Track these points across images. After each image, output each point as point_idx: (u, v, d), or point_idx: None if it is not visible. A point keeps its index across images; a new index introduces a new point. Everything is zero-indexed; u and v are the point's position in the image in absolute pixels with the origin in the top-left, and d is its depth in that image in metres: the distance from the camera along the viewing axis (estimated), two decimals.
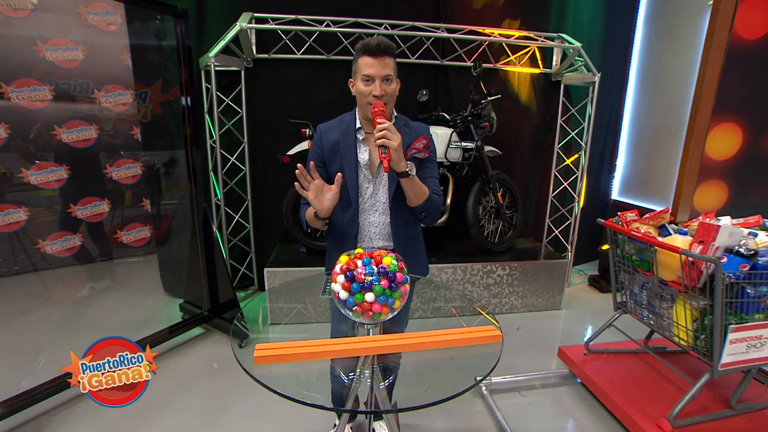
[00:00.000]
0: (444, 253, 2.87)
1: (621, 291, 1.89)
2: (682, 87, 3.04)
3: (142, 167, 2.52)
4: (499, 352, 0.79)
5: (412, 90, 2.79)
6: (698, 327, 1.53)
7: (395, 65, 1.17)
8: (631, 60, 3.49)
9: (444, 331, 0.81)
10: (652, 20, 3.33)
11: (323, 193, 1.11)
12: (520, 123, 3.21)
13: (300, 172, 1.06)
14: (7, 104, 1.96)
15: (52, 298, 2.66)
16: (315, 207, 1.12)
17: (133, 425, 1.69)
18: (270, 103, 2.82)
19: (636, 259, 1.72)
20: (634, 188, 3.57)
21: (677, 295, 1.59)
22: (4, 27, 1.97)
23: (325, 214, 1.13)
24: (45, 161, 2.14)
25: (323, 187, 1.11)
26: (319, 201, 1.10)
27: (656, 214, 1.71)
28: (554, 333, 2.60)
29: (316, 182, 1.09)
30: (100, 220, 2.42)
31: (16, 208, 2.08)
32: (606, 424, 1.74)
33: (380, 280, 0.78)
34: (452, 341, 0.79)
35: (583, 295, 3.17)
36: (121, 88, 2.32)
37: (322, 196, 1.11)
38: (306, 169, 1.08)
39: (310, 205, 1.18)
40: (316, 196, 1.10)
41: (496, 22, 2.97)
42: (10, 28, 1.98)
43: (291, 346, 0.74)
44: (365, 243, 1.25)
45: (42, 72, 2.05)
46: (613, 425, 1.73)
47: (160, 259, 2.90)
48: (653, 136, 3.35)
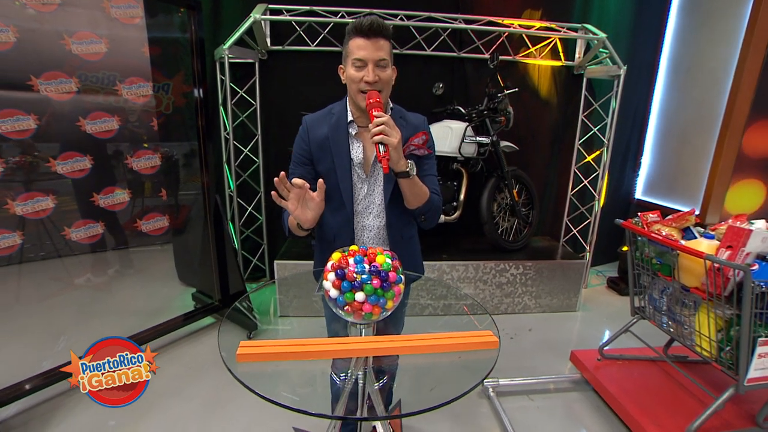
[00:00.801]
0: (456, 250, 2.81)
1: (639, 295, 1.79)
2: (718, 79, 2.84)
3: (160, 158, 2.57)
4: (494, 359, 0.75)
5: (428, 83, 2.72)
6: (723, 338, 1.43)
7: (391, 49, 1.04)
8: (662, 51, 3.30)
9: (438, 334, 0.77)
10: (687, 8, 3.13)
11: (306, 202, 0.96)
12: (539, 118, 3.09)
13: (279, 179, 0.89)
14: (37, 96, 2.04)
15: (74, 283, 2.77)
16: (298, 219, 0.97)
17: (142, 410, 1.73)
18: (284, 95, 2.82)
19: (656, 262, 1.62)
20: (660, 187, 3.39)
21: (700, 302, 1.50)
22: (35, 22, 2.03)
23: (309, 225, 0.99)
24: (71, 151, 2.21)
25: (306, 196, 0.95)
26: (301, 212, 0.96)
27: (680, 215, 1.61)
28: (568, 336, 2.51)
29: (297, 191, 0.93)
30: (121, 209, 2.49)
31: (44, 196, 2.16)
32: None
33: (372, 280, 0.75)
34: (446, 346, 0.75)
35: (601, 297, 3.05)
36: (141, 80, 2.37)
37: (305, 206, 0.96)
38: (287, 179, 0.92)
39: None
40: (296, 207, 0.94)
41: (516, 13, 2.85)
42: (40, 22, 2.04)
43: (275, 345, 0.72)
44: None
45: (69, 65, 2.11)
46: None
47: (176, 249, 2.96)
48: (683, 131, 3.16)
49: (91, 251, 2.64)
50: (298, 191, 0.93)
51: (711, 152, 2.88)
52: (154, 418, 1.70)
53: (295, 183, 0.92)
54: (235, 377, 0.70)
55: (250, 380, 0.75)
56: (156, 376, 1.99)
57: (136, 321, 2.30)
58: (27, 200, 2.11)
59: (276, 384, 0.78)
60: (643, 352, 1.92)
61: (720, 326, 1.44)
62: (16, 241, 2.17)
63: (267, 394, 0.67)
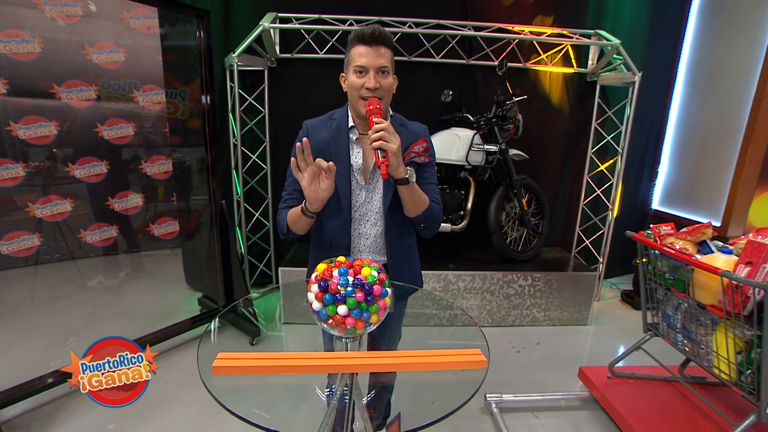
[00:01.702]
0: (462, 259, 2.76)
1: (652, 311, 1.71)
2: (741, 86, 2.73)
3: (173, 164, 2.62)
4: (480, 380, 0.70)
5: (437, 90, 2.70)
6: (743, 360, 1.34)
7: (392, 58, 1.05)
8: (680, 57, 3.19)
9: (425, 352, 0.74)
10: (708, 12, 3.02)
11: (319, 181, 0.97)
12: (551, 126, 3.02)
13: (302, 145, 0.92)
14: (58, 104, 2.11)
15: (86, 285, 2.83)
16: (308, 197, 0.98)
17: (142, 414, 1.74)
18: (292, 102, 2.84)
19: (669, 277, 1.54)
20: (679, 198, 3.26)
21: (718, 321, 1.41)
22: (59, 33, 2.11)
23: (316, 207, 1.00)
24: (88, 156, 2.28)
25: (321, 175, 0.97)
26: (313, 190, 0.97)
27: (696, 228, 1.53)
28: (578, 351, 2.42)
29: (313, 168, 0.95)
30: (134, 213, 2.55)
31: (62, 199, 2.23)
32: None
33: (355, 293, 0.73)
34: (431, 364, 0.72)
35: (614, 311, 2.93)
36: (157, 88, 2.44)
37: (317, 184, 0.97)
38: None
39: (289, 208, 1.09)
40: (311, 183, 0.96)
41: (527, 19, 2.81)
42: (63, 33, 2.13)
43: (252, 358, 0.70)
44: (354, 256, 1.16)
45: (89, 73, 2.18)
46: None
47: (185, 253, 3.00)
48: (703, 140, 3.04)
49: (104, 254, 2.70)
50: (314, 169, 0.95)
51: (733, 162, 2.75)
52: (153, 423, 1.70)
53: (318, 161, 0.94)
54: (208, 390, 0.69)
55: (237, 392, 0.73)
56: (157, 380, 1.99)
57: (144, 324, 2.33)
58: (46, 203, 2.18)
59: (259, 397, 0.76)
60: (656, 371, 1.82)
61: (740, 348, 1.35)
62: (35, 242, 2.24)
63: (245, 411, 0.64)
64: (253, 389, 0.82)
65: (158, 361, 2.16)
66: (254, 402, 0.73)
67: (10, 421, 1.69)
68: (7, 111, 2.02)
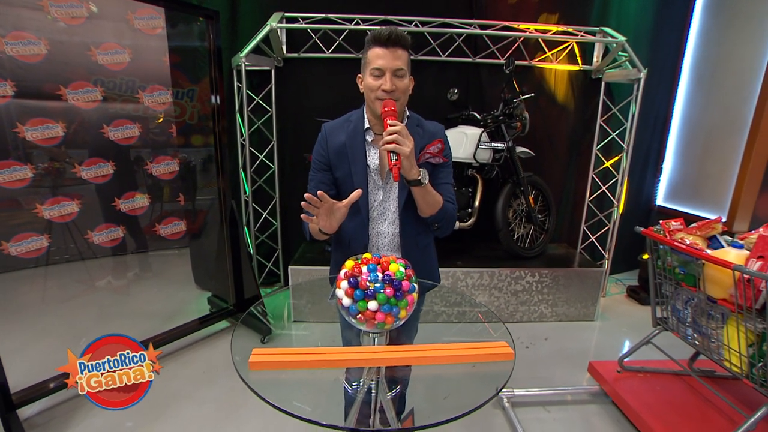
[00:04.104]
0: (470, 256, 2.78)
1: (661, 305, 1.73)
2: (746, 81, 2.74)
3: (179, 164, 2.63)
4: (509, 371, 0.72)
5: (443, 88, 2.72)
6: (755, 353, 1.36)
7: (409, 59, 1.06)
8: (684, 54, 3.20)
9: (452, 345, 0.76)
10: (712, 8, 3.03)
11: (333, 213, 0.99)
12: (556, 123, 3.03)
13: (306, 203, 0.94)
14: (64, 105, 2.12)
15: (95, 285, 2.85)
16: (323, 227, 1.00)
17: (156, 413, 1.76)
18: (299, 101, 2.85)
19: (679, 272, 1.56)
20: (683, 193, 3.27)
21: (729, 315, 1.43)
22: (65, 34, 2.12)
23: (332, 231, 1.03)
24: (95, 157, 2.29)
25: (333, 207, 0.98)
26: (328, 223, 0.99)
27: (706, 223, 1.54)
28: (586, 346, 2.44)
29: (325, 206, 0.96)
30: (141, 214, 2.56)
31: (69, 200, 2.24)
32: None
33: (385, 288, 0.74)
34: (460, 357, 0.74)
35: (621, 307, 2.95)
36: (162, 88, 2.44)
37: (332, 216, 0.99)
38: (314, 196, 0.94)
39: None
40: (325, 220, 0.99)
41: (532, 17, 2.82)
42: (69, 35, 2.13)
43: (287, 353, 0.72)
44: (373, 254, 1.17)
45: (95, 74, 2.19)
46: None
47: (192, 253, 3.02)
48: (707, 135, 3.06)
49: (112, 254, 2.72)
50: (326, 206, 0.96)
51: (739, 157, 2.77)
52: (169, 420, 1.73)
53: (321, 195, 0.94)
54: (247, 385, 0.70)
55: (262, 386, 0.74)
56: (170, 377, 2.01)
57: (153, 324, 2.35)
58: (54, 204, 2.19)
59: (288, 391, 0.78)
60: (666, 365, 1.84)
61: (751, 340, 1.37)
62: (44, 243, 2.25)
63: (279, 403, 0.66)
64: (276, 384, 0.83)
65: (169, 360, 2.20)
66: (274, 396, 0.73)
67: (28, 420, 1.71)
68: (14, 113, 2.03)
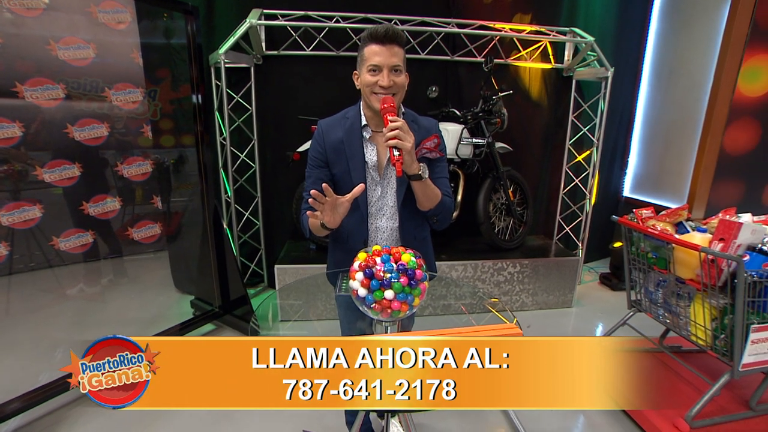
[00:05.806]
0: (454, 250, 2.86)
1: (634, 289, 1.86)
2: (699, 82, 2.97)
3: (152, 165, 2.53)
4: None
5: (423, 86, 2.77)
6: (717, 326, 1.50)
7: (404, 56, 1.08)
8: (645, 54, 3.43)
9: (462, 329, 0.80)
10: (667, 12, 3.26)
11: (336, 208, 1.00)
12: (531, 119, 3.17)
13: (313, 200, 0.96)
14: (22, 103, 1.99)
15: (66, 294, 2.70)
16: (327, 222, 1.01)
17: (149, 420, 1.71)
18: (280, 99, 2.82)
19: (651, 257, 1.69)
20: (647, 185, 3.51)
21: (695, 293, 1.57)
22: (18, 27, 1.99)
23: (334, 226, 1.03)
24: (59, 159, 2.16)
25: (336, 202, 1.00)
26: (332, 218, 1.00)
27: (673, 211, 1.68)
28: (565, 331, 2.58)
29: (330, 201, 0.97)
30: (111, 218, 2.44)
31: (31, 205, 2.11)
32: (620, 422, 1.72)
33: (400, 278, 0.78)
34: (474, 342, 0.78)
35: (595, 293, 3.13)
36: (131, 86, 2.34)
37: (335, 211, 1.00)
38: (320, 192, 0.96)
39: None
40: (330, 215, 1.00)
41: (507, 17, 2.93)
42: (24, 27, 2.00)
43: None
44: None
45: (55, 71, 2.07)
46: (627, 424, 1.71)
47: (171, 256, 2.92)
48: (667, 132, 3.29)
49: (84, 261, 2.58)
50: (331, 201, 0.97)
51: (694, 152, 3.01)
52: (161, 429, 1.68)
53: (325, 189, 0.95)
54: None
55: None
56: None
57: (133, 330, 2.26)
58: (13, 210, 2.05)
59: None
60: (640, 344, 1.99)
61: (714, 315, 1.51)
62: (2, 252, 2.11)
63: None
64: None
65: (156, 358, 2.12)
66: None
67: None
68: None
